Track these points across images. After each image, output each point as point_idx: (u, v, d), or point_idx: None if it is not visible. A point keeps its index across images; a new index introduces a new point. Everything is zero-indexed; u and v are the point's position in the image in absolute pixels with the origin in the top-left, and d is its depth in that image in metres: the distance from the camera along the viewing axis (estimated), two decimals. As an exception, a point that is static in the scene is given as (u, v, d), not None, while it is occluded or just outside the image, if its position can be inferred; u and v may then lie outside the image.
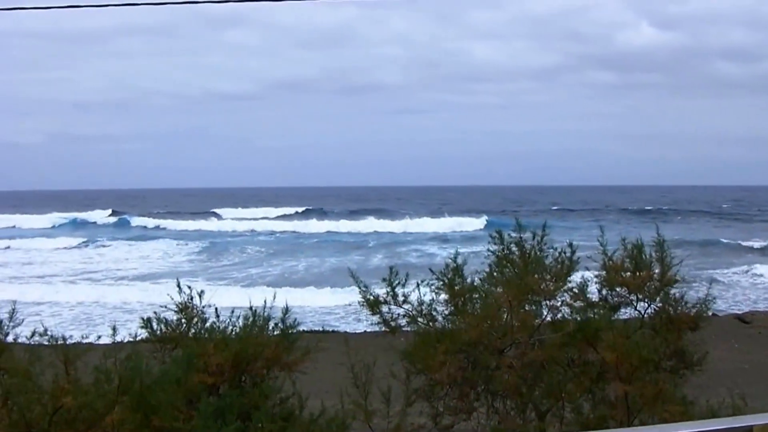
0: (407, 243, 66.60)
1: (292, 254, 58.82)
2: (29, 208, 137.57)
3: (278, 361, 8.25)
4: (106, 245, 68.54)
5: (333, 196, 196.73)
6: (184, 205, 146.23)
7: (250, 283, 45.02)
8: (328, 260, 54.64)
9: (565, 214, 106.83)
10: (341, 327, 28.30)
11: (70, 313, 34.37)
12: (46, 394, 7.42)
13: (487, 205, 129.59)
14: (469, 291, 9.30)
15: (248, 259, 56.55)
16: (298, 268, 51.74)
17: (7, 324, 8.23)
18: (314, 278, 46.33)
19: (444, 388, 8.83)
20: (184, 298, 8.67)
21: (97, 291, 41.87)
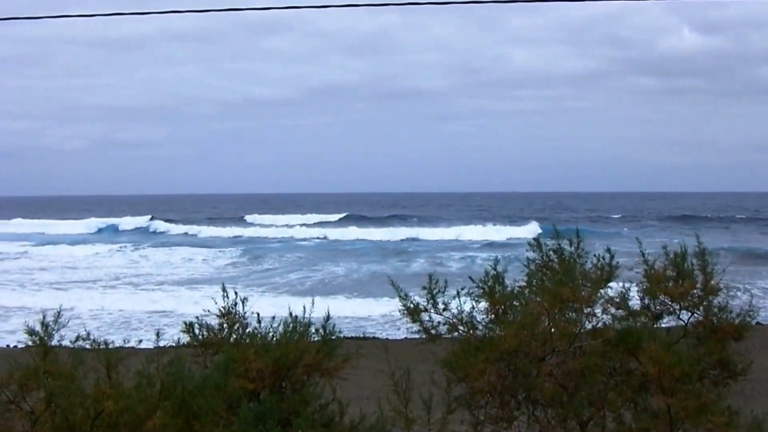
0: (448, 250, 66.48)
1: (330, 260, 58.91)
2: (72, 213, 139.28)
3: (319, 367, 8.26)
4: (146, 250, 69.02)
5: (373, 202, 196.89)
6: (224, 210, 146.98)
7: (289, 289, 45.18)
8: (366, 267, 54.70)
9: (605, 220, 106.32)
10: (379, 333, 28.36)
11: (111, 318, 34.64)
12: (88, 398, 7.48)
13: (525, 212, 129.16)
14: (509, 299, 9.26)
15: (287, 265, 56.72)
16: (337, 273, 51.81)
17: (51, 327, 8.31)
18: (352, 285, 46.39)
19: (484, 396, 8.79)
20: (226, 303, 8.73)
21: (137, 296, 42.27)
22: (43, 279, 51.17)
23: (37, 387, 7.88)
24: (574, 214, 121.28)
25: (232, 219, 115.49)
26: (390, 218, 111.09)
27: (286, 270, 54.25)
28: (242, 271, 54.99)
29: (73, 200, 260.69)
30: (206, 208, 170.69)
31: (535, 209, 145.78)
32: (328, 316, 8.63)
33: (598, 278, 9.40)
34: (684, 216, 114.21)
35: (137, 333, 29.72)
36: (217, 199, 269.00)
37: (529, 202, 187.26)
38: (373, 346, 10.51)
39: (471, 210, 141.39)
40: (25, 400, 7.84)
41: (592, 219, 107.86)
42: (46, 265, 59.48)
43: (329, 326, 8.60)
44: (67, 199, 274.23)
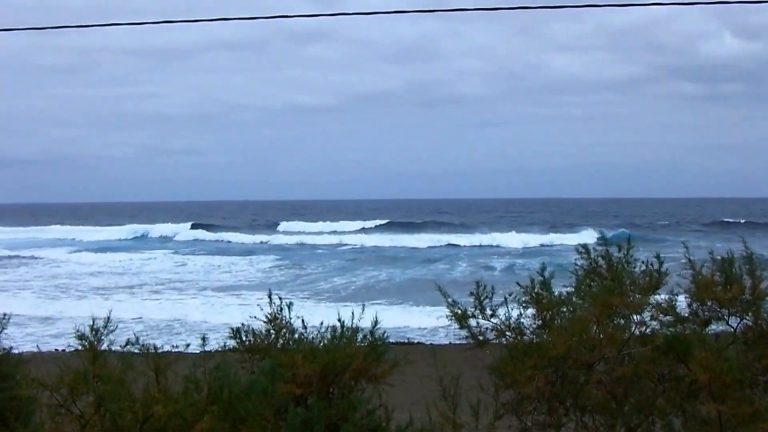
0: (490, 256, 66.27)
1: (372, 266, 58.94)
2: (118, 219, 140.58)
3: (366, 373, 8.23)
4: (189, 257, 69.38)
5: (414, 208, 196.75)
6: (267, 216, 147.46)
7: (332, 295, 45.22)
8: (408, 273, 54.62)
9: (648, 226, 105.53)
10: (422, 339, 28.30)
11: (154, 323, 34.82)
12: (137, 402, 7.49)
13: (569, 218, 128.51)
14: (556, 305, 9.19)
15: (329, 271, 56.74)
16: (378, 279, 51.82)
17: (100, 332, 8.34)
18: (394, 290, 46.38)
19: (532, 402, 8.72)
20: (272, 309, 8.72)
21: (180, 301, 42.49)
22: (89, 284, 51.61)
23: (87, 391, 7.91)
24: (616, 220, 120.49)
25: (276, 225, 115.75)
26: (432, 224, 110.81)
27: (329, 275, 54.29)
28: (285, 277, 55.10)
29: (119, 206, 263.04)
30: (250, 214, 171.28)
31: (579, 215, 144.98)
32: (375, 322, 8.60)
33: (647, 285, 9.30)
34: (726, 222, 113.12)
35: (179, 338, 29.85)
36: (261, 205, 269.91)
37: (571, 208, 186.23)
38: (418, 352, 10.47)
39: (513, 216, 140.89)
40: (75, 403, 7.87)
41: (635, 225, 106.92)
42: (93, 271, 60.01)
43: (377, 332, 8.57)
44: (114, 206, 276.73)
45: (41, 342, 29.26)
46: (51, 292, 47.04)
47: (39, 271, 60.72)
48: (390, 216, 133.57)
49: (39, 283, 52.64)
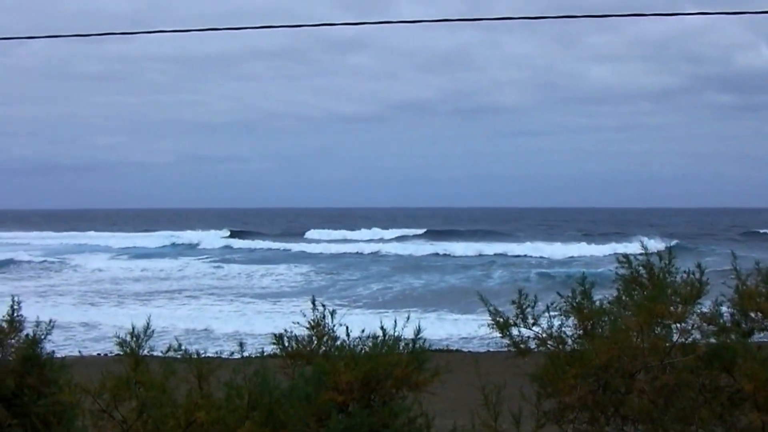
0: (528, 265, 66.02)
1: (411, 274, 58.83)
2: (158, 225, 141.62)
3: (407, 381, 8.17)
4: (228, 264, 69.60)
5: (452, 216, 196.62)
6: (305, 223, 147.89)
7: (370, 302, 45.27)
8: (446, 281, 54.51)
9: (684, 236, 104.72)
10: (462, 346, 28.23)
11: (193, 328, 34.92)
12: (179, 408, 7.47)
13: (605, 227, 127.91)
14: (597, 314, 9.10)
15: (369, 279, 56.72)
16: (416, 287, 51.76)
17: (141, 338, 8.34)
18: (433, 298, 46.32)
19: (574, 411, 8.63)
20: (315, 315, 8.69)
21: (219, 308, 42.65)
22: (130, 290, 51.99)
23: (129, 397, 7.91)
24: (653, 230, 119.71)
25: (314, 232, 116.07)
26: (469, 233, 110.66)
27: (366, 282, 54.32)
28: (323, 284, 55.22)
29: (160, 213, 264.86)
30: (288, 221, 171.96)
31: (616, 224, 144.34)
32: (418, 330, 8.54)
33: (689, 294, 9.19)
34: (761, 232, 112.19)
35: (217, 343, 29.97)
36: (299, 212, 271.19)
37: (607, 217, 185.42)
38: (457, 360, 10.37)
39: (551, 225, 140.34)
40: (117, 409, 7.86)
41: (671, 234, 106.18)
42: (132, 276, 60.43)
43: (418, 340, 8.51)
44: (155, 212, 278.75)
45: (82, 346, 29.49)
46: (92, 298, 47.43)
47: (80, 276, 61.31)
48: (427, 224, 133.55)
49: (81, 288, 53.12)
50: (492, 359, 12.26)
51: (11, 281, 58.64)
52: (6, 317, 9.98)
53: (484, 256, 76.23)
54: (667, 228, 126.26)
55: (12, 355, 9.70)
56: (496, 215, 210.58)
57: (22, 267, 68.02)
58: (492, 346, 10.17)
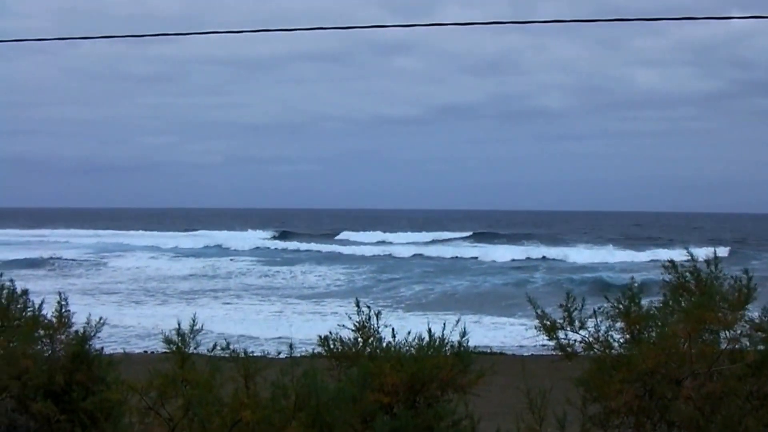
0: (574, 270, 65.62)
1: (457, 276, 58.69)
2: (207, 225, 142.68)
3: (453, 383, 8.15)
4: (272, 264, 69.77)
5: (496, 219, 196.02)
6: (350, 225, 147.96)
7: (413, 303, 45.22)
8: (491, 283, 54.33)
9: (735, 241, 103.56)
10: (506, 349, 28.13)
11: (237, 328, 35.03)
12: (225, 407, 7.50)
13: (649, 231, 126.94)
14: (645, 319, 9.03)
15: (414, 280, 56.56)
16: (460, 289, 51.65)
17: (188, 336, 8.37)
18: (476, 300, 46.22)
19: (620, 416, 8.56)
20: (360, 317, 8.68)
21: (261, 306, 42.83)
22: (176, 288, 52.35)
23: (176, 394, 7.94)
24: (698, 235, 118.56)
25: (359, 234, 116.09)
26: (514, 236, 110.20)
27: (409, 283, 54.24)
28: (366, 285, 55.25)
29: (207, 212, 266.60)
30: (334, 222, 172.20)
31: (660, 228, 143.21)
32: (464, 332, 8.52)
33: (737, 300, 9.08)
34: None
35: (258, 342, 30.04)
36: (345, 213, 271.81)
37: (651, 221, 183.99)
38: (502, 362, 10.35)
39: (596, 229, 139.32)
40: (164, 406, 7.90)
41: (719, 240, 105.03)
42: (178, 275, 60.81)
43: (464, 342, 8.49)
44: (202, 212, 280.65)
45: (129, 344, 29.72)
46: (138, 296, 47.79)
47: (128, 274, 61.80)
48: (471, 227, 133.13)
49: (127, 286, 53.57)
50: (537, 362, 12.22)
51: (59, 278, 59.30)
52: (55, 313, 10.07)
53: (528, 259, 75.78)
54: (712, 233, 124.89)
55: (61, 351, 9.79)
56: (539, 218, 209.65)
57: (70, 265, 68.71)
58: (535, 349, 10.09)
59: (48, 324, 10.03)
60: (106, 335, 18.71)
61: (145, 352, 27.29)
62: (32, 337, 9.69)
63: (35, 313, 10.20)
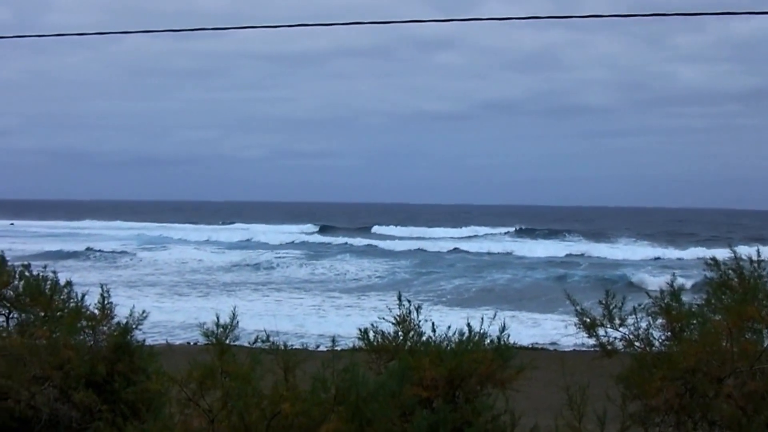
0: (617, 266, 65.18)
1: (499, 270, 58.49)
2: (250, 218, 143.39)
3: (492, 378, 8.12)
4: (314, 259, 69.87)
5: (538, 214, 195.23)
6: (392, 219, 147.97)
7: (454, 298, 45.17)
8: (531, 279, 54.13)
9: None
10: (547, 345, 28.01)
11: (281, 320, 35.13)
12: (265, 399, 7.51)
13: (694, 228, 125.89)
14: (686, 316, 8.94)
15: (454, 274, 56.42)
16: (499, 283, 51.55)
17: (227, 328, 8.39)
18: (516, 295, 46.11)
19: (660, 414, 8.49)
20: (401, 311, 8.68)
21: (303, 299, 42.95)
22: (218, 280, 52.69)
23: (215, 386, 7.96)
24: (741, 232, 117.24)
25: (399, 229, 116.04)
26: (556, 232, 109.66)
27: (453, 278, 54.15)
28: (409, 279, 55.26)
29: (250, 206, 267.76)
30: (376, 216, 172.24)
31: (702, 225, 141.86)
32: (503, 327, 8.49)
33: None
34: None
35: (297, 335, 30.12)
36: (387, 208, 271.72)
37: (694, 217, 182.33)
38: (542, 358, 10.29)
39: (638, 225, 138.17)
40: (204, 398, 7.93)
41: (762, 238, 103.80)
42: (221, 267, 61.16)
43: (504, 337, 8.45)
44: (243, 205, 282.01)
45: (171, 335, 29.92)
46: (182, 288, 48.09)
47: (170, 266, 62.21)
48: (511, 222, 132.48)
49: (171, 277, 53.95)
50: (577, 359, 12.13)
51: (103, 270, 59.86)
52: (97, 305, 10.14)
53: (569, 255, 75.31)
54: (756, 231, 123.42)
55: (104, 342, 9.86)
56: (581, 214, 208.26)
57: (113, 256, 69.23)
58: (576, 345, 10.02)
59: (90, 315, 10.12)
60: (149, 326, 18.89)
61: (188, 343, 27.44)
62: (75, 328, 9.77)
63: (78, 304, 10.30)
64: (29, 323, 9.91)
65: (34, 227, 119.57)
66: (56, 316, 10.08)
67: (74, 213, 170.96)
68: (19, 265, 10.98)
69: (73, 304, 10.37)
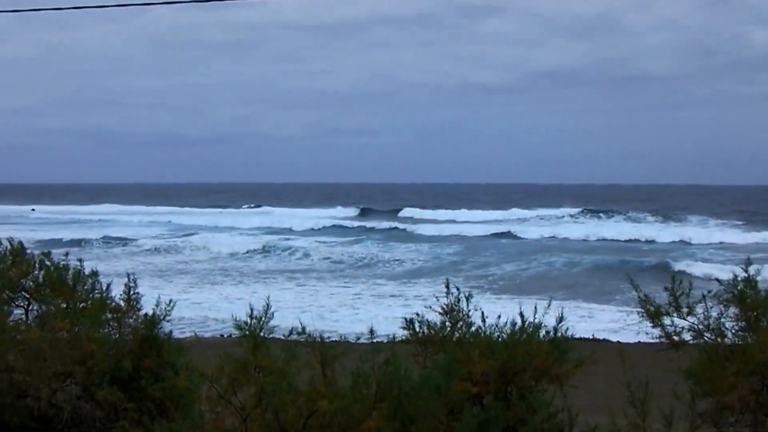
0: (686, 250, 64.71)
1: (555, 255, 58.23)
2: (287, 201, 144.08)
3: (548, 373, 8.05)
4: (355, 244, 69.96)
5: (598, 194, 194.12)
6: (438, 200, 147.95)
7: (506, 284, 45.13)
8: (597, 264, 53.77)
9: None
10: (608, 335, 27.84)
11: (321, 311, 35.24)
12: (301, 396, 7.49)
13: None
14: (763, 304, 8.79)
15: (504, 259, 56.27)
16: (555, 267, 51.38)
17: (262, 320, 8.37)
18: (574, 281, 45.94)
19: (734, 413, 8.36)
20: (449, 299, 8.63)
21: (347, 288, 43.04)
22: (254, 268, 53.07)
23: (248, 382, 7.96)
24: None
25: (446, 211, 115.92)
26: (616, 213, 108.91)
27: (503, 263, 54.00)
28: (457, 262, 55.32)
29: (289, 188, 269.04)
30: (423, 198, 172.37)
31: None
32: (560, 317, 8.41)
33: None
34: None
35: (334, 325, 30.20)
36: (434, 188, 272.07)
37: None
38: (603, 350, 10.19)
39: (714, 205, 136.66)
40: (236, 395, 7.93)
41: None
42: (257, 255, 61.49)
43: (560, 328, 8.38)
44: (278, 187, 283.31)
45: (202, 327, 30.15)
46: (215, 276, 48.40)
47: (202, 254, 62.66)
48: (571, 202, 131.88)
49: (203, 265, 54.36)
50: (641, 351, 12.01)
51: (130, 257, 60.49)
52: (123, 296, 10.18)
53: (632, 241, 74.69)
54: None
55: (129, 336, 9.90)
56: (647, 193, 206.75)
57: (142, 244, 69.76)
58: (642, 336, 9.89)
59: (116, 307, 10.16)
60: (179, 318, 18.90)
61: (221, 336, 27.60)
62: (99, 321, 9.81)
63: (102, 295, 10.34)
64: (50, 315, 9.96)
65: (56, 213, 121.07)
66: (79, 308, 10.13)
67: (100, 197, 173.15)
68: (39, 253, 11.05)
69: (97, 295, 10.41)
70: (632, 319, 9.43)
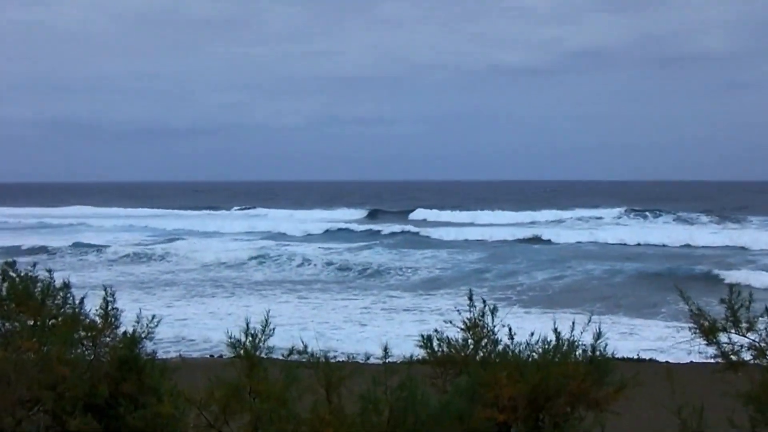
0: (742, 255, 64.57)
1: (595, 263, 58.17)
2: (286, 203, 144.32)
3: (585, 397, 8.07)
4: (364, 250, 70.01)
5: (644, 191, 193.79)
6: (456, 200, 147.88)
7: (537, 294, 45.13)
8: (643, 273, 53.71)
9: None
10: (656, 355, 27.82)
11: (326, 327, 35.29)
12: (303, 425, 7.52)
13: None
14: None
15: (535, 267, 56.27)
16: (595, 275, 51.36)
17: (258, 338, 8.39)
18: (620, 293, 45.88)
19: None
20: (472, 314, 8.64)
21: (354, 301, 43.09)
22: (250, 279, 53.18)
23: (242, 409, 7.99)
24: None
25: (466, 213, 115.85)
26: (667, 214, 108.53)
27: (533, 271, 53.95)
28: (481, 270, 55.32)
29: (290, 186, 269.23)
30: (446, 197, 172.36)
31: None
32: (599, 334, 8.43)
33: None
34: None
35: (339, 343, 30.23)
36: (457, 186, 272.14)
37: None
38: (650, 371, 10.22)
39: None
40: (228, 424, 7.96)
41: None
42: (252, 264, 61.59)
43: (599, 346, 8.39)
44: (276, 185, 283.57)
45: (188, 347, 30.21)
46: (204, 287, 48.48)
47: (189, 262, 62.73)
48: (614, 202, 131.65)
49: (190, 275, 54.43)
50: (693, 372, 12.05)
51: (107, 266, 60.66)
52: (99, 311, 10.19)
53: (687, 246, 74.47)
54: None
55: (106, 357, 9.91)
56: (705, 191, 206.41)
57: (122, 252, 69.83)
58: (695, 356, 9.88)
59: (91, 324, 10.17)
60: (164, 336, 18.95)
61: (211, 356, 27.69)
62: (71, 339, 9.82)
63: (75, 311, 10.35)
64: (15, 334, 9.98)
65: (20, 216, 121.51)
66: (48, 326, 10.14)
67: (71, 198, 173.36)
68: (2, 262, 11.06)
69: (69, 311, 10.42)
70: (682, 336, 9.41)
